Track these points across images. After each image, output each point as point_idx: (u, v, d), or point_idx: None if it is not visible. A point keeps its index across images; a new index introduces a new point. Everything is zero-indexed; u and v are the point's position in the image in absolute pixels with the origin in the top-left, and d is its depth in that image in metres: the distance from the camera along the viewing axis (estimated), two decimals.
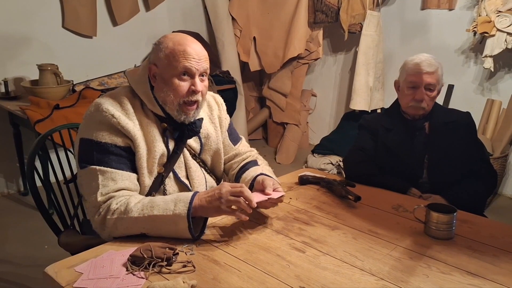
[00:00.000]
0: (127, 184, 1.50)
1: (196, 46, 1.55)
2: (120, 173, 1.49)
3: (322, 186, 1.96)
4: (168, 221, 1.40)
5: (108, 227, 1.44)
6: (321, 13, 4.43)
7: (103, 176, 1.46)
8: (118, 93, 1.59)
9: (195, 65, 1.53)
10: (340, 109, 4.97)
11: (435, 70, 2.00)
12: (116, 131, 1.50)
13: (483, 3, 3.60)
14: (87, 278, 1.22)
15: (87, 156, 1.49)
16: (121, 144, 1.51)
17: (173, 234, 1.42)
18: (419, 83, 2.01)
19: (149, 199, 1.46)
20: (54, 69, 3.44)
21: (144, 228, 1.42)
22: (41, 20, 3.73)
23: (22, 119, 3.30)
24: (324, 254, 1.40)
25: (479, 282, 1.28)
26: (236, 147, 1.89)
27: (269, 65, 4.75)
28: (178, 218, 1.39)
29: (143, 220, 1.41)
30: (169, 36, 1.57)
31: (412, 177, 2.06)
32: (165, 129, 1.60)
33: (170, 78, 1.53)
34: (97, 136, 1.49)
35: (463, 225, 1.63)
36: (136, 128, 1.53)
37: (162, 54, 1.53)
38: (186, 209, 1.39)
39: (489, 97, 3.87)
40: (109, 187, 1.46)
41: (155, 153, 1.55)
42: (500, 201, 3.85)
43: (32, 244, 2.96)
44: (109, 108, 1.50)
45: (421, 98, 2.01)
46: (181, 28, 4.60)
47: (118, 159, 1.50)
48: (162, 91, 1.55)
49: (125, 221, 1.42)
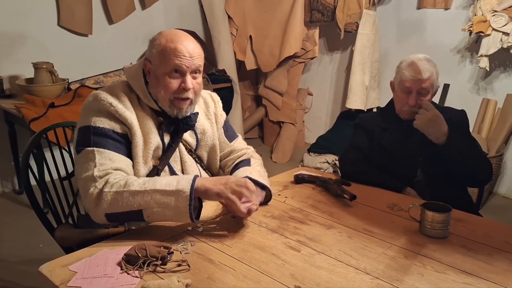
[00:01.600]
0: (123, 166, 1.51)
1: (189, 43, 1.56)
2: (117, 155, 1.51)
3: (318, 185, 1.96)
4: (169, 196, 1.40)
5: (104, 201, 1.41)
6: (317, 12, 4.43)
7: (100, 156, 1.47)
8: (116, 87, 1.62)
9: (186, 62, 1.53)
10: (336, 108, 4.97)
11: (429, 76, 1.99)
12: (114, 118, 1.53)
13: (479, 3, 3.61)
14: (81, 277, 1.22)
15: (84, 140, 1.51)
16: (119, 131, 1.53)
17: (171, 213, 1.40)
18: (412, 88, 2.02)
19: (150, 177, 1.48)
20: (50, 67, 3.43)
21: (141, 204, 1.40)
22: (37, 18, 3.72)
23: (17, 118, 3.28)
24: (319, 253, 1.40)
25: (473, 281, 1.28)
26: (232, 144, 1.90)
27: (265, 63, 4.75)
28: (180, 193, 1.39)
29: (143, 193, 1.40)
30: (164, 32, 1.58)
31: (407, 176, 2.06)
32: (160, 123, 1.62)
33: (161, 75, 1.55)
34: (95, 122, 1.51)
35: (458, 224, 1.63)
36: (133, 117, 1.55)
37: (155, 51, 1.55)
38: (189, 185, 1.40)
39: (485, 97, 3.88)
40: (107, 165, 1.46)
41: (150, 145, 1.57)
42: (495, 200, 3.87)
43: (27, 242, 2.95)
44: (107, 97, 1.53)
45: (414, 104, 2.02)
46: (177, 27, 4.58)
47: (115, 143, 1.52)
48: (154, 87, 1.58)
49: (124, 195, 1.40)
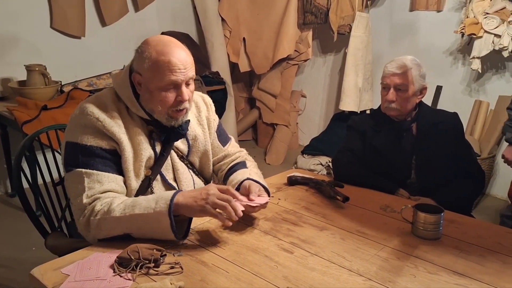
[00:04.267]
0: (113, 186, 1.47)
1: (181, 53, 1.49)
2: (106, 175, 1.47)
3: (311, 187, 1.96)
4: (150, 220, 1.37)
5: (92, 229, 1.42)
6: (310, 14, 4.44)
7: (89, 179, 1.44)
8: (104, 96, 1.56)
9: (181, 76, 1.48)
10: (330, 110, 4.98)
11: (404, 71, 2.01)
12: (101, 134, 1.48)
13: (471, 5, 3.63)
14: (73, 280, 1.21)
15: (73, 159, 1.47)
16: (107, 147, 1.49)
17: (157, 234, 1.39)
18: (389, 84, 2.04)
19: (132, 199, 1.44)
20: (42, 69, 3.41)
21: (127, 228, 1.40)
22: (29, 20, 3.70)
23: (9, 120, 3.27)
24: (312, 255, 1.40)
25: (465, 282, 1.29)
26: (225, 148, 1.88)
27: (258, 66, 4.75)
28: (160, 215, 1.35)
29: (125, 219, 1.38)
30: (151, 42, 1.49)
31: (400, 178, 2.07)
32: (151, 131, 1.58)
33: (155, 89, 1.49)
34: (82, 139, 1.47)
35: (450, 225, 1.64)
36: (121, 131, 1.50)
37: (146, 65, 1.47)
38: (167, 206, 1.36)
39: (477, 98, 3.90)
40: (95, 189, 1.44)
41: (142, 157, 1.53)
42: (487, 202, 3.88)
43: (19, 246, 2.93)
44: (94, 112, 1.48)
45: (391, 99, 2.03)
46: (171, 29, 4.59)
47: (103, 161, 1.48)
48: (149, 101, 1.52)
49: (107, 222, 1.39)
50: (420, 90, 2.07)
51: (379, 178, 2.03)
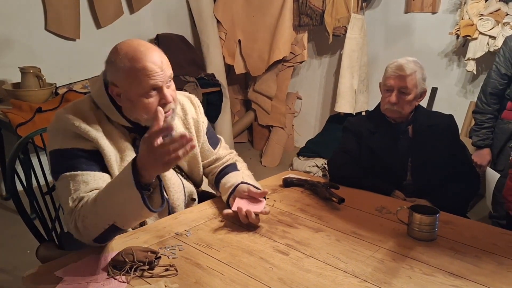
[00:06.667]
0: (100, 183, 1.42)
1: (154, 56, 1.43)
2: (91, 174, 1.43)
3: (306, 188, 1.96)
4: (118, 191, 1.28)
5: (81, 231, 1.36)
6: (305, 16, 4.45)
7: (74, 181, 1.40)
8: (81, 103, 1.53)
9: (160, 78, 1.43)
10: (325, 111, 4.99)
11: (410, 73, 2.01)
12: (79, 137, 1.45)
13: (466, 7, 3.64)
14: (67, 282, 1.21)
15: (58, 165, 1.45)
16: (88, 148, 1.45)
17: (131, 210, 1.29)
18: (393, 86, 2.03)
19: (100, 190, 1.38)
20: (37, 71, 3.40)
21: (108, 218, 1.31)
22: (23, 22, 3.69)
23: (4, 123, 3.26)
24: (307, 257, 1.39)
25: (461, 283, 1.29)
26: (216, 151, 1.85)
27: (254, 68, 4.75)
28: (123, 180, 1.26)
29: (99, 207, 1.31)
30: (121, 51, 1.44)
31: (396, 180, 2.07)
32: (134, 139, 1.56)
33: (136, 97, 1.44)
34: (63, 144, 1.44)
35: (445, 227, 1.63)
36: (99, 134, 1.46)
37: (121, 75, 1.43)
38: (130, 172, 1.24)
39: (472, 100, 3.91)
40: (80, 190, 1.40)
41: (125, 162, 1.49)
42: (482, 203, 3.88)
43: (14, 249, 2.92)
44: (69, 117, 1.46)
45: (394, 101, 2.03)
46: (166, 31, 4.58)
47: (87, 161, 1.44)
48: (132, 111, 1.48)
49: (88, 219, 1.33)
50: (421, 93, 2.07)
51: (375, 179, 2.03)
